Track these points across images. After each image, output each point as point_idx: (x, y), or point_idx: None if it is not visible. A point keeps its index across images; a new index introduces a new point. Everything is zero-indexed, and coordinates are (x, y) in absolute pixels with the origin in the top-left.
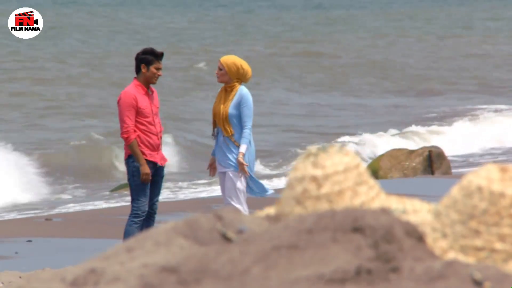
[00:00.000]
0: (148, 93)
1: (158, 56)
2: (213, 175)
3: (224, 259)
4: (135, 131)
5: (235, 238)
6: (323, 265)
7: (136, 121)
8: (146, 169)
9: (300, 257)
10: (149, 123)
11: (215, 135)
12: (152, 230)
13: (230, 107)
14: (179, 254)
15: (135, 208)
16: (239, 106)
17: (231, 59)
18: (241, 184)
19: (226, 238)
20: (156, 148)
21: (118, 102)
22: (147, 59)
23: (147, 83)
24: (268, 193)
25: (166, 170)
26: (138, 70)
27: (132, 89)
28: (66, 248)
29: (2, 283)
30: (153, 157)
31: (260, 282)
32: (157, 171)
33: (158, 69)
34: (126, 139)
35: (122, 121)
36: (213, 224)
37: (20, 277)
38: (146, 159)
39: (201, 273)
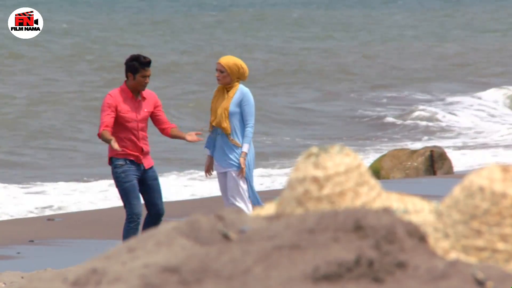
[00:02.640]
0: (136, 98)
1: (144, 64)
2: (210, 176)
3: (226, 259)
4: (107, 127)
5: (236, 238)
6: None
7: (117, 124)
8: (115, 146)
9: (301, 257)
10: (131, 128)
11: (213, 134)
12: (153, 230)
13: (231, 105)
14: (181, 254)
15: (129, 212)
16: (240, 104)
17: (231, 60)
18: (243, 183)
19: (227, 239)
20: (137, 150)
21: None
22: (133, 67)
23: (134, 90)
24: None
25: None
26: (126, 75)
27: (117, 93)
28: (68, 248)
29: (4, 283)
30: (132, 155)
31: (261, 281)
32: (145, 174)
33: (144, 76)
34: (98, 135)
35: (100, 120)
36: (214, 224)
37: (22, 277)
38: (124, 158)
39: (203, 273)
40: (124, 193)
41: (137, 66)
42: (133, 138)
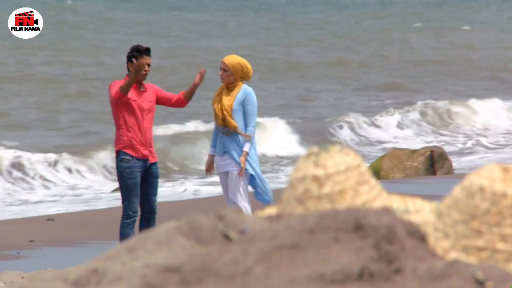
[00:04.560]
0: (138, 89)
1: (142, 52)
2: (210, 174)
3: (226, 259)
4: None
5: (237, 238)
6: (325, 265)
7: (123, 116)
8: (136, 63)
9: (302, 257)
10: (136, 118)
11: (216, 133)
12: (153, 230)
13: (234, 103)
14: (181, 254)
15: (126, 208)
16: (243, 103)
17: (235, 60)
18: (244, 182)
19: (228, 239)
20: (145, 144)
21: (109, 90)
22: (133, 56)
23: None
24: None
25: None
26: (127, 67)
27: (120, 83)
28: (68, 248)
29: (4, 283)
30: (140, 152)
31: (262, 281)
32: (149, 170)
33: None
34: (117, 93)
35: (110, 95)
36: (214, 224)
37: (22, 277)
38: (132, 155)
39: (203, 273)
40: (126, 189)
41: (136, 55)
42: (139, 129)
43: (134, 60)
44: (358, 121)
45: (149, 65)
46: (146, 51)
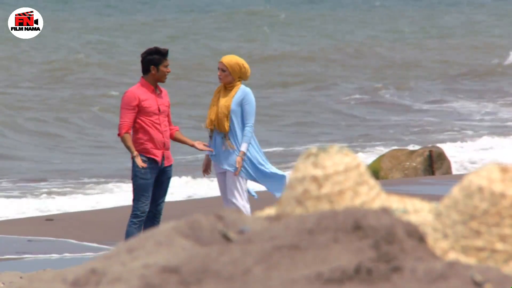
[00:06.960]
0: (156, 92)
1: (165, 54)
2: (207, 175)
3: (226, 259)
4: (129, 129)
5: (236, 239)
6: (324, 265)
7: (140, 119)
8: (139, 162)
9: (301, 257)
10: (154, 121)
11: (212, 135)
12: (153, 230)
13: (232, 103)
14: (181, 255)
15: (134, 208)
16: (241, 103)
17: (233, 60)
18: (243, 182)
19: (227, 239)
20: (160, 146)
21: (121, 101)
22: (155, 60)
23: (156, 82)
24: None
25: None
26: (145, 70)
27: (137, 89)
28: (67, 249)
29: (3, 283)
30: (155, 154)
31: (261, 282)
32: (163, 171)
33: (166, 66)
34: (118, 135)
35: (120, 118)
36: (214, 225)
37: (20, 277)
38: (147, 156)
39: (203, 274)
40: (136, 189)
41: (159, 57)
42: (157, 132)
43: (138, 159)
44: None
45: (168, 66)
46: (168, 54)
